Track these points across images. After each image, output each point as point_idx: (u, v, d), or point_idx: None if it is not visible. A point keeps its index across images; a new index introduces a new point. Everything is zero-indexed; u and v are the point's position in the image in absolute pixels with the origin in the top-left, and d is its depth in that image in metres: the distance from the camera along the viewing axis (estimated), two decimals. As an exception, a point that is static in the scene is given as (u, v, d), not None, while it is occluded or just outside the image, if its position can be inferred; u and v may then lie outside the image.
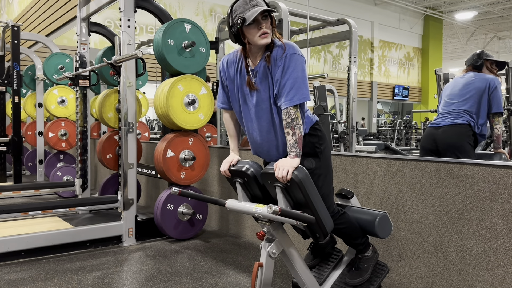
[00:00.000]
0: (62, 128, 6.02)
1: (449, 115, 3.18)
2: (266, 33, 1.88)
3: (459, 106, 3.15)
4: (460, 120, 3.11)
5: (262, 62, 1.94)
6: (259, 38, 1.88)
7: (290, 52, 1.89)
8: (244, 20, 1.84)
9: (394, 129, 14.18)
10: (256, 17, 1.85)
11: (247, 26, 1.86)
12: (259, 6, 1.85)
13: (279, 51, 1.90)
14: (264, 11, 1.85)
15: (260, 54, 1.96)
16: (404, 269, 2.52)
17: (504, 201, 2.10)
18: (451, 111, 3.19)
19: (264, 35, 1.88)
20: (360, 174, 2.77)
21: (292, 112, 1.87)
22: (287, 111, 1.88)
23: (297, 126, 1.88)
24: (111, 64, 3.49)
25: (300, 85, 1.87)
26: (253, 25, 1.86)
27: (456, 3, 17.58)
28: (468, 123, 3.09)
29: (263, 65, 1.94)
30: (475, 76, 3.19)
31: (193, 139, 3.67)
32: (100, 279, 2.77)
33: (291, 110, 1.87)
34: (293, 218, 1.80)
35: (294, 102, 1.87)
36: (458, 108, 3.15)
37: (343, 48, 16.41)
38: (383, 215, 2.11)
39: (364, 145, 7.96)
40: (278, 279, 2.75)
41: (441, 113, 3.27)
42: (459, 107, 3.15)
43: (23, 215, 3.76)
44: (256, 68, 1.96)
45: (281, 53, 1.89)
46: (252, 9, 1.84)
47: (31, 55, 6.66)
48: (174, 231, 3.60)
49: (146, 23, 11.14)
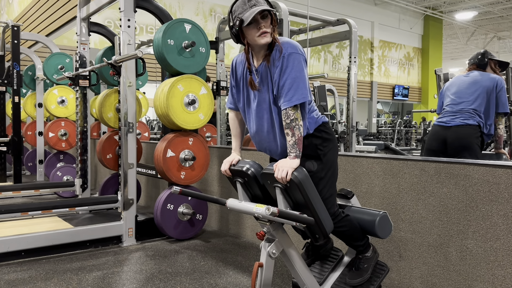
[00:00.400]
0: (62, 128, 6.02)
1: (458, 114, 3.14)
2: (266, 32, 1.85)
3: (467, 106, 3.11)
4: (471, 120, 3.08)
5: (263, 61, 1.93)
6: (258, 37, 1.85)
7: (288, 52, 1.86)
8: (242, 21, 1.82)
9: (394, 129, 14.18)
10: (255, 17, 1.82)
11: (246, 26, 1.84)
12: (257, 6, 1.83)
13: (278, 50, 1.88)
14: (262, 10, 1.82)
15: (262, 54, 1.94)
16: (404, 269, 2.52)
17: (504, 201, 2.10)
18: (460, 110, 3.14)
19: (263, 34, 1.85)
20: (360, 174, 2.77)
21: (291, 113, 1.85)
22: (286, 112, 1.86)
23: (297, 127, 1.86)
24: (111, 64, 3.49)
25: (299, 85, 1.85)
26: (252, 26, 1.84)
27: (456, 3, 17.58)
28: (478, 124, 3.07)
29: (264, 65, 1.93)
30: (482, 75, 3.16)
31: (193, 139, 3.67)
32: (100, 279, 2.77)
33: (290, 111, 1.85)
34: (291, 219, 1.79)
35: (293, 102, 1.84)
36: (467, 107, 3.11)
37: (343, 48, 16.41)
38: (383, 215, 2.11)
39: (364, 145, 7.96)
40: (278, 279, 2.75)
41: (448, 111, 3.21)
42: (468, 106, 3.11)
43: (23, 215, 3.76)
44: (259, 68, 1.96)
45: (280, 53, 1.87)
46: (250, 10, 1.81)
47: (31, 55, 6.66)
48: (174, 231, 3.60)
49: (146, 23, 11.14)
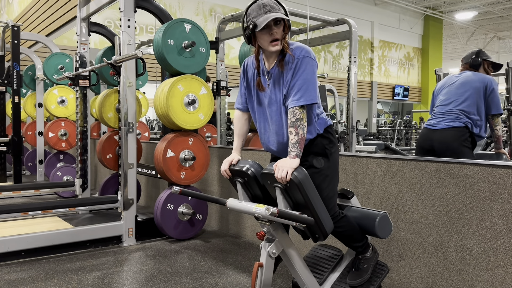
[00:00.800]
0: (62, 128, 6.02)
1: (445, 116, 3.09)
2: (277, 40, 1.90)
3: (455, 106, 3.06)
4: (457, 122, 3.02)
5: (276, 66, 1.97)
6: (270, 45, 1.91)
7: (302, 55, 1.92)
8: (256, 26, 1.87)
9: (394, 129, 14.18)
10: (268, 23, 1.87)
11: (259, 31, 1.89)
12: (272, 12, 1.87)
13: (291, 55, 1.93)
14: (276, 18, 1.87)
15: (274, 58, 1.99)
16: (404, 269, 2.52)
17: (504, 201, 2.10)
18: (447, 111, 3.09)
19: (274, 42, 1.91)
20: (360, 174, 2.77)
21: (297, 112, 1.88)
22: (293, 110, 1.89)
23: (301, 127, 1.89)
24: (111, 64, 3.49)
25: (308, 86, 1.89)
26: (264, 31, 1.89)
27: (456, 3, 17.58)
28: (465, 125, 3.00)
29: (277, 69, 1.98)
30: (473, 76, 3.10)
31: (193, 139, 3.67)
32: (100, 279, 2.77)
33: (297, 110, 1.89)
34: (291, 219, 1.80)
35: (300, 102, 1.88)
36: (455, 108, 3.06)
37: (343, 48, 16.40)
38: (383, 215, 2.11)
39: (364, 145, 7.96)
40: (278, 279, 2.75)
41: (436, 113, 3.17)
42: (456, 107, 3.06)
43: (23, 215, 3.76)
44: (271, 71, 2.00)
45: (293, 57, 1.92)
46: (264, 15, 1.86)
47: (31, 55, 6.66)
48: (174, 231, 3.60)
49: (146, 23, 11.14)
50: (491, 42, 22.06)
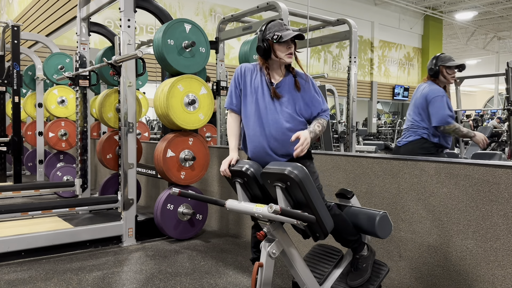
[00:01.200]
0: (62, 128, 6.02)
1: (405, 131, 3.18)
2: (292, 54, 2.21)
3: (412, 120, 3.12)
4: (412, 137, 3.09)
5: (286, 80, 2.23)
6: (286, 56, 2.19)
7: (309, 77, 2.30)
8: (281, 37, 2.13)
9: (394, 129, 14.18)
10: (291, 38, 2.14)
11: (280, 43, 2.15)
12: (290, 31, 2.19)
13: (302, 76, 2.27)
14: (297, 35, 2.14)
15: (279, 72, 2.25)
16: (404, 269, 2.52)
17: (504, 201, 2.10)
18: (406, 127, 3.19)
19: (290, 55, 2.20)
20: (360, 174, 2.77)
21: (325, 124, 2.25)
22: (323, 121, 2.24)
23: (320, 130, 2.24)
24: (111, 64, 3.49)
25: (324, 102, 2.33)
26: (283, 44, 2.17)
27: (456, 3, 17.58)
28: (421, 137, 3.04)
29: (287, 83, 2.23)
30: (424, 89, 3.09)
31: (193, 139, 3.67)
32: (100, 279, 2.77)
33: (325, 122, 2.25)
34: (293, 217, 1.81)
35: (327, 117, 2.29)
36: (412, 122, 3.12)
37: (343, 48, 16.40)
38: (383, 215, 2.11)
39: (364, 145, 7.97)
40: (278, 279, 2.75)
41: (403, 129, 3.26)
42: (410, 122, 3.13)
43: (23, 215, 3.76)
44: (280, 84, 2.23)
45: (305, 77, 2.27)
46: (287, 31, 2.17)
47: (31, 55, 6.66)
48: (174, 231, 3.60)
49: (146, 23, 11.14)
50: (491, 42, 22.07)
